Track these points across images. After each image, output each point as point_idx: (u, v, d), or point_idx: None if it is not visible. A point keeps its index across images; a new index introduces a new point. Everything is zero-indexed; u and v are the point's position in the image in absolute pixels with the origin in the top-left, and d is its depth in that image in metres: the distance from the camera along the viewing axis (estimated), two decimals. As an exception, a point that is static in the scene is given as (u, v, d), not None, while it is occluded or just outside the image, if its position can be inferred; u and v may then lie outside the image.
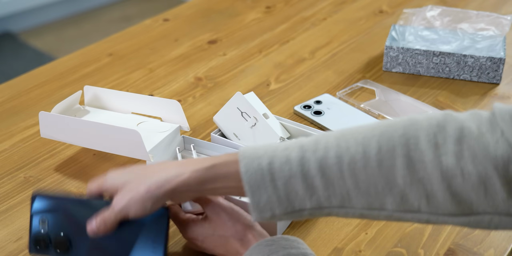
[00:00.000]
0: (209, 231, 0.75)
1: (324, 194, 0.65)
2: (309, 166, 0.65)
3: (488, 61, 1.16)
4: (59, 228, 0.74)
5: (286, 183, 0.65)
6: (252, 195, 0.66)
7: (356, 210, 0.66)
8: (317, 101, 1.12)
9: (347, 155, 0.64)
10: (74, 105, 1.02)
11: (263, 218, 0.67)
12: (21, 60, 2.78)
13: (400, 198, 0.64)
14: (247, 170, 0.66)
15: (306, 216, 0.68)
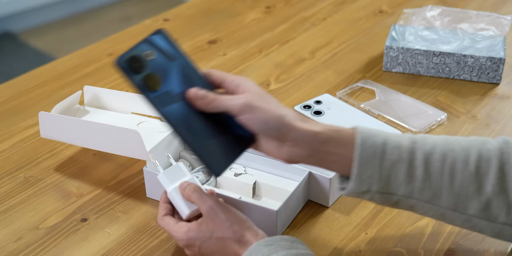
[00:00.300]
0: (206, 234, 0.75)
1: (420, 185, 0.71)
2: (416, 156, 0.71)
3: (488, 61, 1.16)
4: (160, 71, 0.70)
5: (392, 165, 0.71)
6: (359, 165, 0.71)
7: (440, 209, 0.72)
8: (317, 101, 1.12)
9: (451, 156, 0.71)
10: (74, 105, 1.02)
11: (357, 190, 0.72)
12: (21, 60, 2.78)
13: (485, 205, 0.71)
14: (363, 143, 0.71)
15: (391, 202, 0.73)
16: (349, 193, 0.73)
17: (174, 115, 0.70)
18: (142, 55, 0.69)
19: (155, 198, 0.92)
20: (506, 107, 1.12)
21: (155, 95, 0.69)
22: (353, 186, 0.72)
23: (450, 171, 0.71)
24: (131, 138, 0.87)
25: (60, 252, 0.83)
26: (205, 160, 0.70)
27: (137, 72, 0.69)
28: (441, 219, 0.74)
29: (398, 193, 0.72)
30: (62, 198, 0.93)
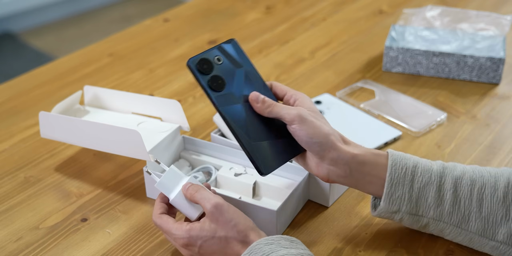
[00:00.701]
0: (209, 233, 0.74)
1: (449, 209, 0.75)
2: (446, 180, 0.75)
3: (488, 61, 1.16)
4: (225, 74, 0.78)
5: (422, 188, 0.75)
6: (390, 186, 0.75)
7: (468, 233, 0.76)
8: (317, 101, 1.12)
9: (479, 181, 0.75)
10: (74, 105, 1.03)
11: (387, 210, 0.76)
12: (21, 60, 2.78)
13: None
14: (394, 164, 0.76)
15: (421, 224, 0.77)
16: (380, 212, 0.78)
17: (231, 114, 0.77)
18: (211, 59, 0.78)
19: (155, 198, 0.92)
20: (506, 107, 1.13)
21: (217, 95, 0.77)
22: (383, 205, 0.77)
23: (478, 196, 0.75)
24: (131, 138, 0.87)
25: (60, 252, 0.83)
26: (253, 159, 0.77)
27: (205, 73, 0.77)
28: (470, 244, 0.77)
29: (428, 215, 0.76)
30: (62, 198, 0.93)
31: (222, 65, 0.78)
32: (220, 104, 0.77)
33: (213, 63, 0.78)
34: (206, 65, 0.77)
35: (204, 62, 0.77)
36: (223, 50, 0.79)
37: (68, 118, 0.93)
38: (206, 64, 0.77)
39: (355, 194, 0.92)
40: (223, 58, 0.79)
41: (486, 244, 0.76)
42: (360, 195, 0.92)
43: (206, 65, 0.77)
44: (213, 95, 0.77)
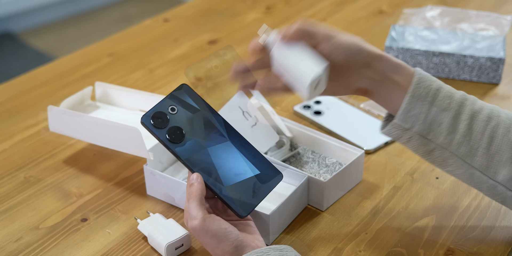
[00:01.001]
0: (205, 243, 0.73)
1: (459, 139, 0.75)
2: (464, 110, 0.75)
3: (488, 61, 1.16)
4: (182, 123, 0.76)
5: (439, 112, 0.75)
6: (409, 102, 0.75)
7: (470, 168, 0.75)
8: (317, 101, 1.12)
9: (495, 120, 0.75)
10: (84, 100, 1.05)
11: (400, 126, 0.76)
12: (21, 60, 2.78)
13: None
14: (419, 82, 0.75)
15: (427, 149, 0.76)
16: (391, 127, 0.76)
17: (198, 163, 0.75)
18: (165, 110, 0.75)
19: (155, 195, 0.92)
20: (506, 107, 1.12)
21: (178, 146, 0.75)
22: (398, 120, 0.76)
23: (491, 133, 0.74)
24: (132, 135, 0.87)
25: (60, 252, 0.83)
26: (228, 204, 0.74)
27: (161, 127, 0.75)
28: (469, 180, 0.77)
29: (437, 141, 0.75)
30: (62, 198, 0.93)
31: (177, 114, 0.76)
32: (183, 156, 0.74)
33: (168, 115, 0.75)
34: (160, 118, 0.75)
35: (158, 115, 0.75)
36: (176, 98, 0.76)
37: (72, 113, 0.95)
38: (160, 117, 0.75)
39: (355, 194, 0.92)
40: (177, 107, 0.76)
41: (484, 182, 0.76)
42: (360, 195, 0.92)
43: (161, 118, 0.75)
44: (174, 147, 0.74)
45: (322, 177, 0.93)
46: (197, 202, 0.73)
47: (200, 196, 0.73)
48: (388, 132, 0.78)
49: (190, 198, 0.73)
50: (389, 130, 0.78)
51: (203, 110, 0.77)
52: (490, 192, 0.77)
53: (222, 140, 0.77)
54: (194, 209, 0.72)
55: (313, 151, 0.98)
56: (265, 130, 0.93)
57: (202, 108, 0.77)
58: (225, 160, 0.76)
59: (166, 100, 0.76)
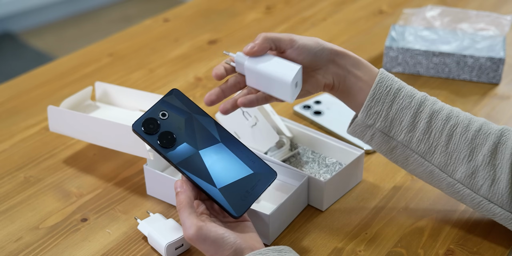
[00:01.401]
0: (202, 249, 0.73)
1: (419, 137, 0.78)
2: (424, 109, 0.78)
3: (488, 61, 1.16)
4: (173, 128, 0.76)
5: (399, 110, 0.78)
6: (371, 100, 0.78)
7: (430, 166, 0.79)
8: (317, 101, 1.12)
9: (454, 119, 0.78)
10: (84, 100, 1.04)
11: (363, 122, 0.80)
12: (21, 60, 2.78)
13: (471, 173, 0.77)
14: (381, 81, 0.79)
15: (389, 147, 0.80)
16: (355, 125, 0.80)
17: (189, 166, 0.75)
18: (156, 116, 0.76)
19: (155, 195, 0.92)
20: (506, 107, 1.13)
21: (170, 151, 0.75)
22: (360, 117, 0.79)
23: (449, 132, 0.78)
24: (132, 135, 0.87)
25: (60, 252, 0.84)
26: (221, 205, 0.74)
27: (152, 133, 0.76)
28: (429, 178, 0.80)
29: (398, 138, 0.79)
30: (62, 198, 0.93)
31: (168, 119, 0.76)
32: (175, 160, 0.75)
33: (159, 120, 0.76)
34: (151, 124, 0.75)
35: (149, 122, 0.75)
36: (167, 103, 0.77)
37: (72, 113, 0.94)
38: (151, 123, 0.75)
39: (355, 194, 0.92)
40: (168, 112, 0.76)
41: (443, 180, 0.79)
42: (360, 195, 0.92)
43: (152, 124, 0.75)
44: (166, 152, 0.75)
45: (322, 177, 0.93)
46: (188, 211, 0.72)
47: (189, 204, 0.73)
48: (352, 131, 0.82)
49: (180, 208, 0.73)
50: (353, 128, 0.81)
51: (195, 114, 0.78)
52: (449, 190, 0.80)
53: (214, 142, 0.77)
54: (186, 219, 0.72)
55: (313, 151, 0.98)
56: (265, 130, 0.93)
57: (194, 112, 0.78)
58: (218, 162, 0.76)
59: (156, 105, 0.77)
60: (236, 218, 0.75)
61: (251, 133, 0.94)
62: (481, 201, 0.78)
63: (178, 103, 0.77)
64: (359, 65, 0.80)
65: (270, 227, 0.82)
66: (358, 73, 0.80)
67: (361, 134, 0.81)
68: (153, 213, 0.87)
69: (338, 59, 0.80)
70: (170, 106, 0.77)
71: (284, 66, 0.76)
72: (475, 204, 0.79)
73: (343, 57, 0.80)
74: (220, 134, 0.78)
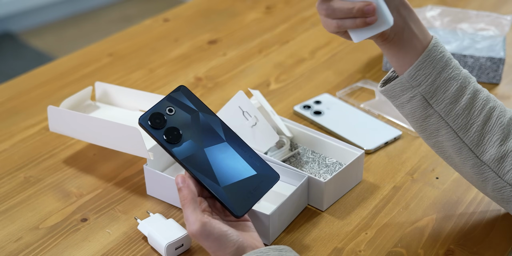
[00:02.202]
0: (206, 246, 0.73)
1: (458, 111, 0.77)
2: (469, 85, 0.77)
3: (488, 61, 1.16)
4: (180, 124, 0.76)
5: (447, 79, 0.76)
6: (423, 60, 0.75)
7: (460, 142, 0.77)
8: (317, 101, 1.12)
9: (493, 102, 0.78)
10: (84, 100, 1.05)
11: (407, 81, 0.76)
12: (21, 60, 2.78)
13: (501, 157, 0.76)
14: (435, 46, 0.76)
15: (424, 114, 0.77)
16: (396, 83, 0.77)
17: (194, 163, 0.75)
18: (162, 111, 0.76)
19: (155, 195, 0.92)
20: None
21: (175, 147, 0.75)
22: (407, 76, 0.76)
23: (488, 113, 0.77)
24: (132, 135, 0.88)
25: (60, 252, 0.83)
26: (224, 204, 0.74)
27: (159, 128, 0.75)
28: (456, 153, 0.79)
29: (437, 107, 0.77)
30: (62, 198, 0.93)
31: (175, 115, 0.76)
32: (180, 156, 0.74)
33: (165, 115, 0.75)
34: (158, 119, 0.75)
35: (156, 116, 0.75)
36: (173, 99, 0.76)
37: (72, 113, 0.94)
38: (158, 118, 0.75)
39: (355, 194, 0.92)
40: (175, 108, 0.76)
41: (470, 159, 0.78)
42: (360, 195, 0.92)
43: (159, 119, 0.75)
44: (171, 148, 0.75)
45: (322, 177, 0.93)
46: (192, 206, 0.72)
47: (193, 200, 0.73)
48: (390, 89, 0.78)
49: (184, 204, 0.73)
50: (392, 86, 0.78)
51: (201, 111, 0.78)
52: (473, 170, 0.79)
53: (219, 140, 0.77)
54: (191, 214, 0.72)
55: (313, 151, 0.98)
56: (265, 130, 0.93)
57: (200, 109, 0.78)
58: (222, 161, 0.76)
59: (163, 101, 0.76)
60: (237, 217, 0.75)
61: (251, 133, 0.94)
62: (504, 187, 0.78)
63: (184, 100, 0.77)
64: (417, 22, 0.77)
65: (270, 227, 0.82)
66: (415, 29, 0.76)
67: (400, 93, 0.78)
68: (153, 213, 0.87)
69: (403, 9, 0.76)
70: (177, 102, 0.77)
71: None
72: (496, 189, 0.79)
73: (407, 9, 0.76)
74: (225, 133, 0.78)
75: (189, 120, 0.77)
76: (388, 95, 0.80)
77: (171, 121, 0.76)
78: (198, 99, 0.78)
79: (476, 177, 0.80)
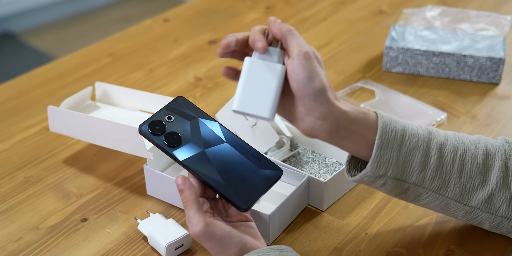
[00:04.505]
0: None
1: (432, 174, 0.74)
2: (431, 146, 0.74)
3: (488, 61, 1.16)
4: (179, 129, 0.77)
5: (408, 152, 0.74)
6: (379, 149, 0.72)
7: (445, 199, 0.76)
8: (317, 101, 1.12)
9: (461, 148, 0.76)
10: (84, 100, 1.05)
11: (374, 174, 0.73)
12: (21, 60, 2.78)
13: (488, 197, 0.75)
14: (384, 127, 0.73)
15: (401, 190, 0.75)
16: (363, 176, 0.74)
17: (196, 163, 0.76)
18: (162, 119, 0.77)
19: (155, 195, 0.92)
20: (506, 107, 1.13)
21: (176, 150, 0.76)
22: (370, 169, 0.73)
23: (460, 162, 0.75)
24: (132, 135, 0.88)
25: (60, 252, 0.83)
26: (228, 198, 0.74)
27: (159, 134, 0.76)
28: (444, 210, 0.78)
29: (410, 180, 0.75)
30: (62, 198, 0.93)
31: (174, 122, 0.77)
32: (181, 157, 0.75)
33: (165, 122, 0.77)
34: (158, 126, 0.76)
35: (155, 123, 0.77)
36: (172, 108, 0.78)
37: (72, 113, 0.94)
38: (157, 125, 0.76)
39: (355, 194, 0.92)
40: (173, 116, 0.77)
41: (460, 210, 0.77)
42: (360, 195, 0.92)
43: (158, 126, 0.76)
44: (172, 151, 0.76)
45: (322, 177, 0.93)
46: (195, 207, 0.72)
47: (195, 200, 0.72)
48: (360, 180, 0.76)
49: (186, 205, 0.72)
50: (361, 178, 0.75)
51: (200, 117, 0.79)
52: (467, 217, 0.78)
53: (219, 142, 0.78)
54: (193, 215, 0.71)
55: (313, 151, 0.98)
56: (265, 130, 0.93)
57: (199, 116, 0.79)
58: (223, 159, 0.77)
59: (162, 110, 0.78)
60: (243, 210, 0.75)
61: (251, 133, 0.94)
62: (501, 221, 0.77)
63: (183, 108, 0.79)
64: (355, 120, 0.73)
65: (270, 227, 0.82)
66: (353, 128, 0.73)
67: (370, 183, 0.76)
68: (153, 213, 0.87)
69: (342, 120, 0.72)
70: (176, 111, 0.78)
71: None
72: (494, 225, 0.78)
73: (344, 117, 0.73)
74: (225, 135, 0.78)
75: (188, 125, 0.78)
76: (361, 183, 0.78)
77: (170, 127, 0.77)
78: (197, 107, 0.79)
79: (472, 222, 0.79)
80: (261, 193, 0.76)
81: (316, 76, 0.70)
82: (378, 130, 0.73)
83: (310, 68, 0.70)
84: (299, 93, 0.71)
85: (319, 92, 0.70)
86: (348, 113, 0.72)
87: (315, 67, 0.70)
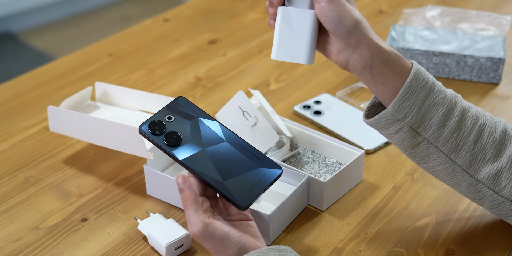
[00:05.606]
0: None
1: (447, 135, 0.75)
2: (456, 107, 0.75)
3: (488, 61, 1.16)
4: (179, 129, 0.77)
5: (432, 105, 0.74)
6: (405, 92, 0.73)
7: (453, 165, 0.76)
8: (317, 101, 1.12)
9: (482, 119, 0.76)
10: (84, 100, 1.05)
11: (392, 115, 0.74)
12: (21, 60, 2.78)
13: (495, 173, 0.75)
14: (417, 73, 0.74)
15: (413, 142, 0.76)
16: (381, 117, 0.75)
17: (195, 163, 0.76)
18: (162, 119, 0.78)
19: (155, 195, 0.92)
20: (506, 107, 1.13)
21: (175, 149, 0.76)
22: (390, 110, 0.74)
23: (478, 132, 0.75)
24: (132, 135, 0.88)
25: (60, 252, 0.84)
26: (227, 197, 0.74)
27: (159, 134, 0.77)
28: (449, 176, 0.77)
29: (425, 134, 0.75)
30: (62, 198, 0.93)
31: (174, 122, 0.78)
32: (180, 156, 0.75)
33: (165, 122, 0.77)
34: (158, 126, 0.77)
35: (156, 124, 0.77)
36: (172, 108, 0.79)
37: (72, 113, 0.94)
38: (157, 125, 0.77)
39: (355, 194, 0.92)
40: (174, 116, 0.78)
41: (465, 180, 0.77)
42: (360, 195, 0.92)
43: (158, 126, 0.77)
44: (171, 150, 0.76)
45: (322, 177, 0.93)
46: (194, 207, 0.72)
47: (195, 200, 0.72)
48: (376, 122, 0.76)
49: (186, 205, 0.72)
50: (377, 120, 0.76)
51: (200, 117, 0.79)
52: (469, 189, 0.78)
53: (219, 141, 0.78)
54: (192, 215, 0.71)
55: (313, 151, 0.98)
56: (265, 130, 0.93)
57: (199, 116, 0.79)
58: (223, 158, 0.77)
59: (162, 110, 0.78)
60: (242, 209, 0.74)
61: (251, 133, 0.94)
62: (502, 202, 0.77)
63: (184, 109, 0.79)
64: (391, 58, 0.75)
65: (270, 227, 0.82)
66: (389, 67, 0.75)
67: (386, 127, 0.76)
68: (153, 213, 0.87)
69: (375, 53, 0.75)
70: (176, 111, 0.79)
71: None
72: (494, 205, 0.78)
73: (379, 51, 0.75)
74: (225, 134, 0.78)
75: (188, 125, 0.78)
76: (374, 127, 0.78)
77: (170, 127, 0.77)
78: (197, 107, 0.79)
79: (473, 196, 0.79)
80: (260, 192, 0.76)
81: (345, 14, 0.72)
82: (410, 74, 0.74)
83: (338, 7, 0.72)
84: (333, 32, 0.73)
85: (352, 28, 0.73)
86: (385, 52, 0.74)
87: (342, 6, 0.72)
